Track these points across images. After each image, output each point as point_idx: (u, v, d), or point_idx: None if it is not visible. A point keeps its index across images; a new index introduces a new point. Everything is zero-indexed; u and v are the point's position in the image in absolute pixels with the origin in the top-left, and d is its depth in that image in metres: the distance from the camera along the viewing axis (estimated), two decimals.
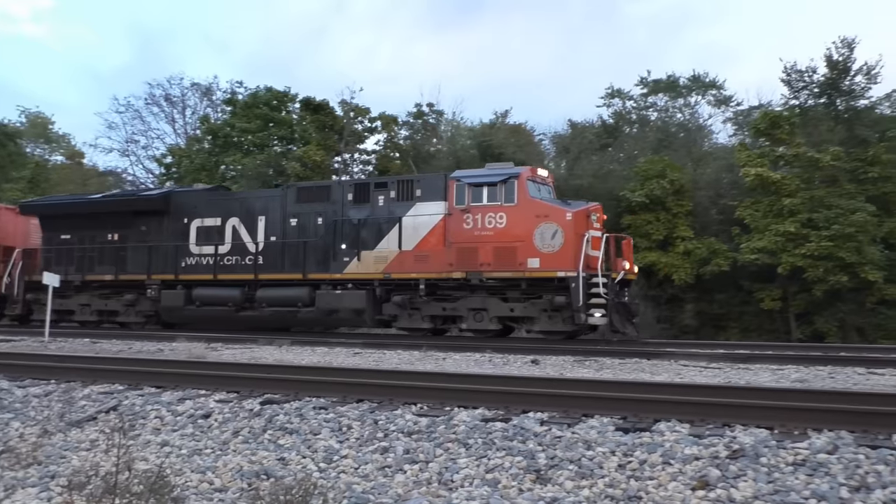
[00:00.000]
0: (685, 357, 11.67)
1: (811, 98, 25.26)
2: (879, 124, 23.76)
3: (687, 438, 4.80)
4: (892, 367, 10.22)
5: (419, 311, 16.23)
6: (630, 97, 32.37)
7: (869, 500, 3.88)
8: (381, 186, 17.05)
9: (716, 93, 31.41)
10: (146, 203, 19.71)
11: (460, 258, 15.52)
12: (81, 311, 19.83)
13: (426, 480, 4.61)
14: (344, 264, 16.72)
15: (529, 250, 15.01)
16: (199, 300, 17.93)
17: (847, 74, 24.16)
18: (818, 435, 4.74)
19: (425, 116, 32.52)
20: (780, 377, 9.16)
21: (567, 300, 14.56)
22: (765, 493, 4.02)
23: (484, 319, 15.68)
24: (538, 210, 15.23)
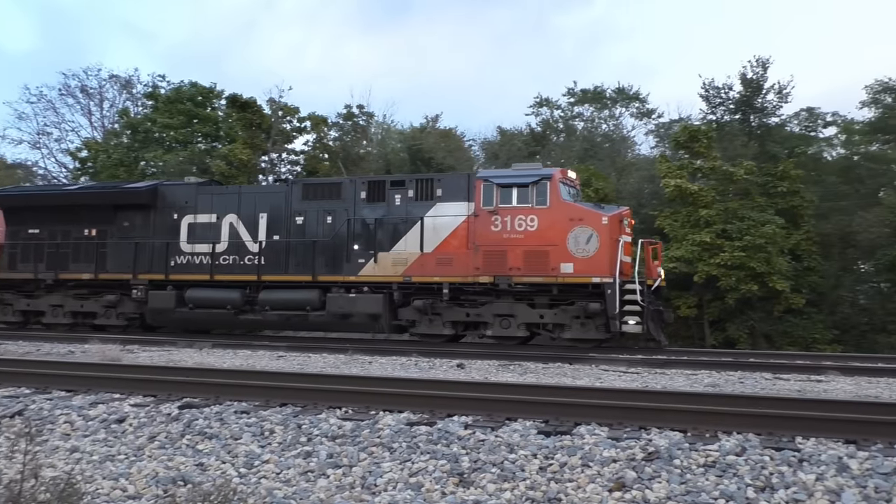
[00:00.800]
0: (606, 362, 11.99)
1: (727, 114, 26.47)
2: (789, 141, 25.13)
3: (606, 441, 4.94)
4: (797, 373, 10.83)
5: (440, 317, 15.42)
6: (558, 106, 33.11)
7: (773, 499, 4.09)
8: (397, 185, 16.18)
9: (639, 105, 32.50)
10: (130, 196, 18.16)
11: (488, 262, 14.84)
12: (53, 312, 18.27)
13: (349, 485, 4.58)
14: (359, 266, 15.83)
15: (563, 255, 14.44)
16: (193, 302, 16.58)
17: (760, 92, 25.46)
18: (728, 437, 4.97)
19: (355, 118, 32.33)
20: (694, 382, 9.54)
21: (602, 307, 14.05)
22: (677, 494, 4.17)
23: (511, 326, 15.04)
24: (572, 213, 14.67)
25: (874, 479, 4.20)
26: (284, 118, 30.74)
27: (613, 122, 33.02)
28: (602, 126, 32.87)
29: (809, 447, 4.74)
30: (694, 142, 22.80)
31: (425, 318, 15.43)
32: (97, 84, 36.68)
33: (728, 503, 4.06)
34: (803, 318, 21.19)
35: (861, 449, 4.69)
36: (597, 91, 32.52)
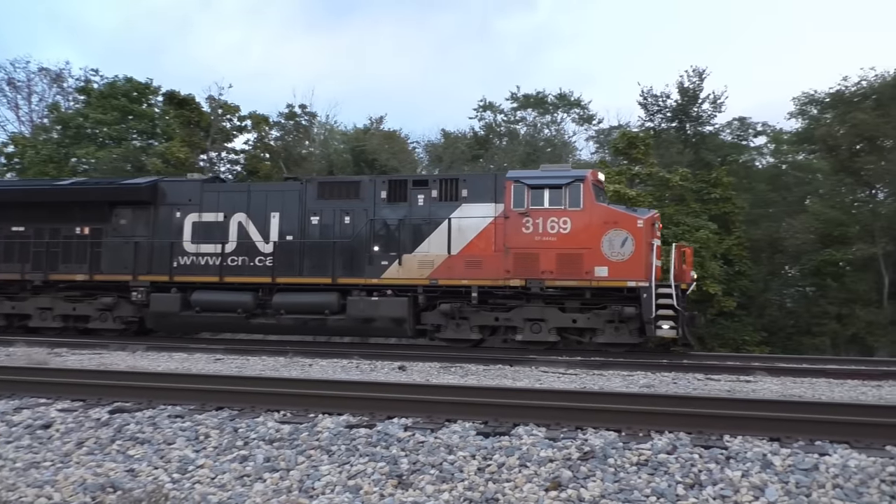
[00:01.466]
0: (545, 364, 12.17)
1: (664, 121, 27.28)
2: (722, 149, 26.06)
3: (543, 441, 5.02)
4: (727, 374, 11.20)
5: (467, 321, 15.01)
6: (501, 111, 33.44)
7: (701, 496, 4.22)
8: (420, 185, 15.70)
9: (580, 111, 33.10)
10: (128, 193, 17.01)
11: (519, 265, 14.44)
12: (41, 315, 17.11)
13: (286, 488, 4.52)
14: (382, 268, 15.24)
15: (597, 258, 14.17)
16: (200, 305, 15.68)
17: (696, 102, 26.31)
18: (660, 436, 5.11)
19: (298, 118, 31.96)
20: (630, 383, 9.76)
21: (637, 311, 13.93)
22: (611, 493, 4.27)
23: (542, 331, 14.70)
24: (607, 216, 14.43)
25: (795, 474, 4.38)
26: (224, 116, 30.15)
27: (555, 127, 33.56)
28: (544, 131, 33.36)
29: (736, 445, 4.92)
30: (632, 148, 23.38)
31: (452, 322, 15.06)
32: (25, 77, 35.18)
33: (659, 500, 4.18)
34: (734, 321, 21.97)
35: (784, 446, 4.88)
36: (539, 96, 32.99)
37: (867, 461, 4.51)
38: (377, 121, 32.56)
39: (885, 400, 8.29)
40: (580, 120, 33.40)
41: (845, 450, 4.79)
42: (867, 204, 24.36)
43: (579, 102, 33.10)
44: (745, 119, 28.16)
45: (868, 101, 24.65)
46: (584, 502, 4.20)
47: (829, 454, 4.68)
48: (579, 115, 33.24)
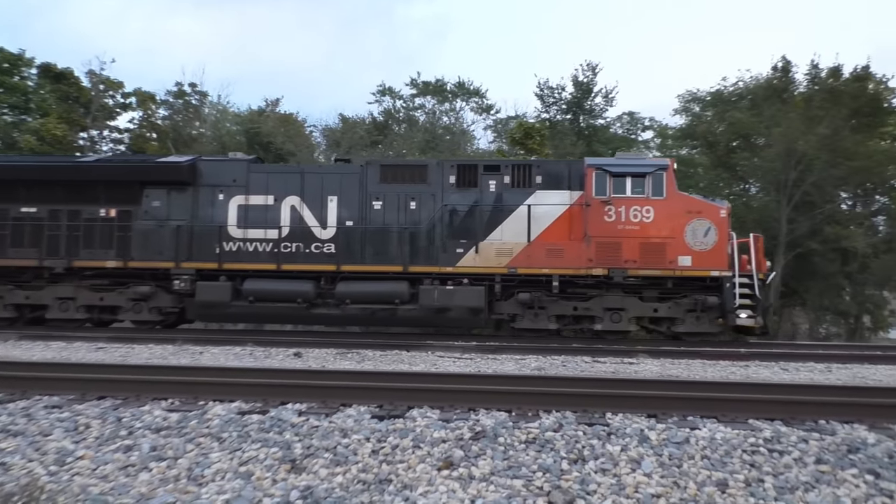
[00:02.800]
0: (442, 349, 12.36)
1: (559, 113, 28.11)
2: (612, 142, 27.17)
3: (437, 423, 5.13)
4: (613, 356, 11.77)
5: (545, 311, 14.75)
6: (400, 96, 33.38)
7: (584, 470, 4.45)
8: (492, 170, 15.25)
9: (478, 100, 33.53)
10: (165, 172, 15.62)
11: (601, 253, 14.31)
12: (61, 306, 15.53)
13: (174, 477, 4.40)
14: (457, 256, 14.78)
15: (680, 248, 14.20)
16: (254, 295, 14.67)
17: (590, 95, 27.27)
18: (548, 416, 5.34)
19: (187, 97, 30.65)
20: (522, 366, 10.08)
21: (719, 300, 14.08)
22: (500, 470, 4.43)
23: (622, 320, 14.69)
24: (689, 206, 14.49)
25: (669, 447, 4.70)
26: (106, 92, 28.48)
27: (454, 115, 33.85)
28: (443, 119, 33.58)
29: (617, 422, 5.22)
30: (528, 138, 23.95)
31: (530, 312, 14.80)
32: None
33: (545, 475, 4.37)
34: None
35: (660, 422, 5.22)
36: (438, 84, 33.15)
37: (732, 433, 4.90)
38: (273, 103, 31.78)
39: (751, 378, 8.97)
40: (479, 109, 33.85)
41: (713, 424, 5.19)
42: (741, 197, 26.09)
43: (478, 91, 33.53)
44: (634, 114, 29.51)
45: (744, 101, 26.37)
46: (475, 480, 4.33)
47: (699, 428, 5.04)
48: (478, 105, 33.67)
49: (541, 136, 23.91)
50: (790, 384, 6.60)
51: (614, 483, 4.24)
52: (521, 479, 4.30)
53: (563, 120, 27.96)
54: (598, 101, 27.29)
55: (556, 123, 27.69)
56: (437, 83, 33.17)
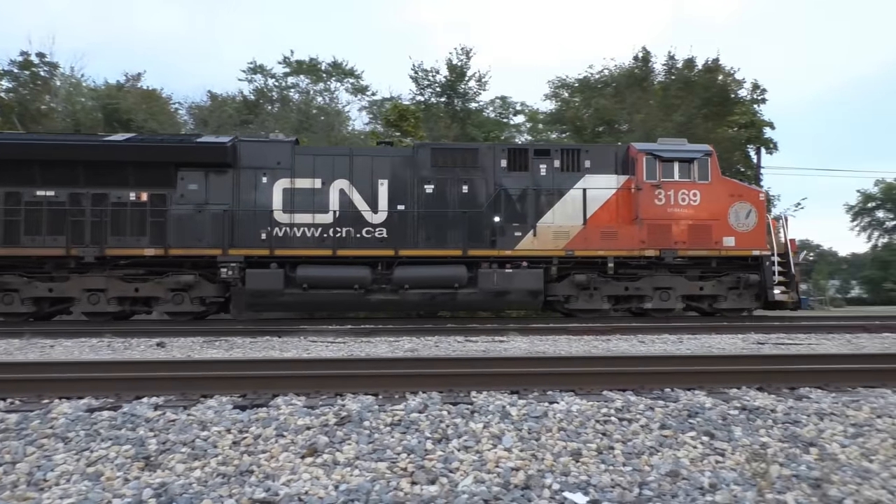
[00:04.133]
0: (315, 333, 12.20)
1: (434, 96, 28.30)
2: (485, 125, 27.70)
3: (301, 410, 5.05)
4: (486, 336, 12.08)
5: (598, 291, 15.26)
6: (272, 75, 32.38)
7: (447, 448, 4.54)
8: (542, 154, 15.46)
9: (353, 81, 33.15)
10: (203, 153, 14.72)
11: (653, 235, 14.97)
12: (90, 298, 14.43)
13: (11, 483, 4.08)
14: (515, 240, 15.05)
15: (724, 229, 15.09)
16: (309, 282, 14.21)
17: (463, 79, 27.61)
18: (414, 397, 5.40)
19: (34, 68, 28.22)
20: (395, 348, 10.13)
21: (760, 278, 15.01)
22: (365, 453, 4.43)
23: (670, 298, 15.34)
24: (732, 189, 15.42)
25: (528, 422, 4.88)
26: None
27: (329, 95, 33.29)
28: (317, 99, 32.95)
29: (481, 400, 5.35)
30: (403, 120, 23.98)
31: (584, 293, 15.21)
32: None
33: (409, 456, 4.41)
34: None
35: (522, 398, 5.41)
36: (312, 63, 32.44)
37: (587, 405, 5.16)
38: (134, 77, 29.94)
39: (611, 351, 9.49)
40: (354, 90, 33.47)
41: (571, 397, 5.44)
42: None
43: (353, 72, 33.12)
44: (506, 98, 30.22)
45: (608, 89, 27.67)
46: (340, 465, 4.31)
47: (557, 402, 5.27)
48: (353, 86, 33.28)
49: (415, 118, 23.99)
50: (641, 356, 7.04)
51: (476, 459, 4.35)
52: (385, 462, 4.32)
53: (438, 103, 28.16)
54: (471, 85, 27.72)
55: (430, 106, 27.85)
56: (310, 62, 32.46)
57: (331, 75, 32.85)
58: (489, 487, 4.00)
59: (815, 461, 4.35)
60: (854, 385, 5.78)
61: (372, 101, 32.66)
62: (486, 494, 3.90)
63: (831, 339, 11.70)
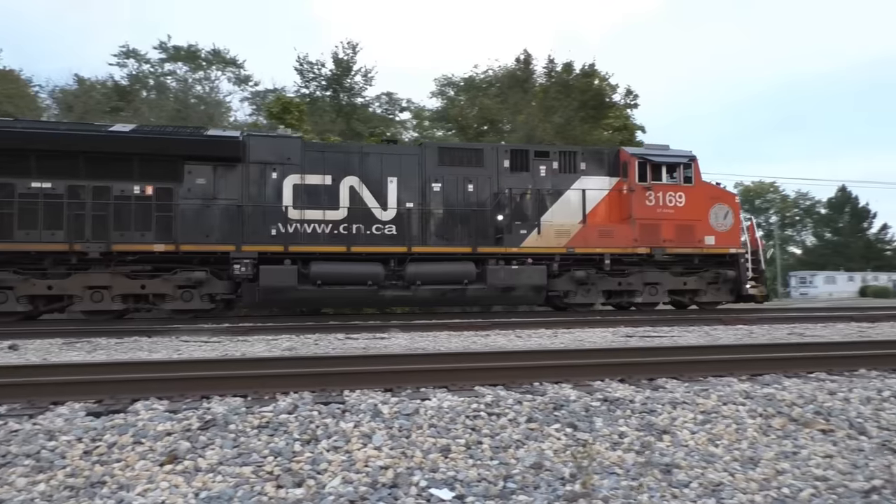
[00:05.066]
0: (189, 333, 11.69)
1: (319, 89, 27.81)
2: (371, 121, 27.53)
3: (162, 415, 4.82)
4: (367, 332, 12.01)
5: (595, 286, 16.10)
6: (147, 60, 30.72)
7: (317, 449, 4.47)
8: (542, 155, 16.27)
9: (235, 71, 32.01)
10: (213, 147, 14.43)
11: (644, 234, 15.98)
12: (93, 296, 13.82)
13: None
14: (521, 237, 15.64)
15: (706, 229, 16.34)
16: (323, 279, 14.28)
17: (349, 73, 27.30)
18: (285, 398, 5.28)
19: None
20: (273, 346, 9.88)
21: (736, 274, 16.39)
22: (229, 458, 4.28)
23: (658, 293, 16.40)
24: (712, 192, 16.69)
25: (400, 420, 4.89)
26: None
27: (209, 84, 31.97)
28: (196, 87, 31.56)
29: (354, 399, 5.31)
30: (287, 113, 23.43)
31: (582, 288, 16.05)
32: None
33: (276, 459, 4.31)
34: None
35: (395, 395, 5.42)
36: (191, 50, 31.03)
37: (458, 401, 5.23)
38: None
39: (488, 346, 9.69)
40: (236, 80, 32.32)
41: (443, 393, 5.50)
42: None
43: (235, 61, 31.97)
44: (392, 94, 30.15)
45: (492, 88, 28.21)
46: (202, 471, 4.15)
47: (429, 399, 5.31)
48: (235, 76, 32.14)
49: (300, 111, 23.50)
50: (513, 351, 7.23)
51: (345, 459, 4.31)
52: (250, 466, 4.20)
53: (324, 96, 27.72)
54: (357, 80, 27.46)
55: (316, 100, 27.37)
56: (189, 49, 31.02)
57: (211, 64, 31.55)
58: (356, 488, 3.97)
59: (668, 447, 4.63)
60: (705, 375, 6.19)
61: (255, 93, 31.66)
62: (353, 495, 3.87)
63: (692, 331, 12.50)
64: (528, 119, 23.99)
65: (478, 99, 27.02)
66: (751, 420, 5.10)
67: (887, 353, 7.02)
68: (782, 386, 5.88)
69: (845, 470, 4.37)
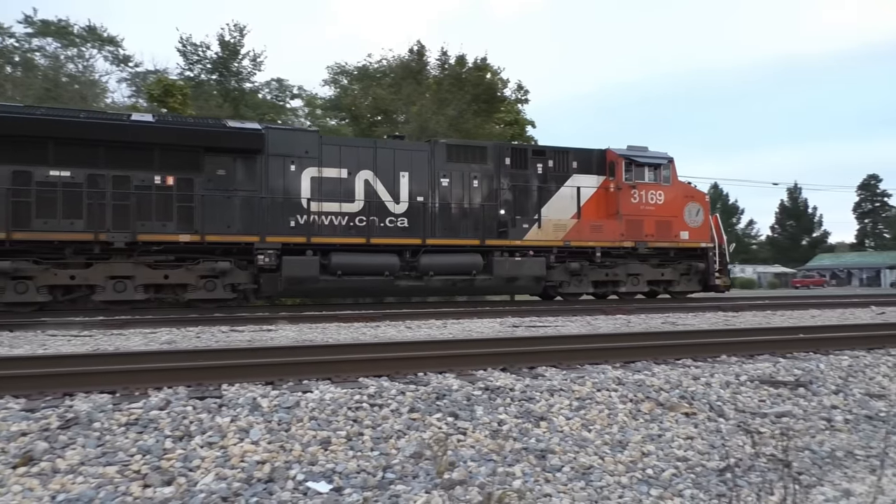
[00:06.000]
0: (56, 326, 10.98)
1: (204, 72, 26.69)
2: (260, 107, 26.74)
3: (18, 414, 4.48)
4: (253, 325, 11.69)
5: (586, 277, 17.21)
6: (11, 34, 28.43)
7: (189, 446, 4.30)
8: (538, 154, 17.20)
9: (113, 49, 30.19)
10: (235, 138, 14.59)
11: (629, 229, 17.27)
12: (115, 286, 13.70)
13: None
14: (523, 231, 16.51)
15: (681, 225, 17.83)
16: (344, 269, 14.82)
17: (237, 57, 26.35)
18: (158, 393, 5.04)
19: None
20: (151, 340, 9.44)
21: (705, 266, 17.99)
22: (92, 458, 4.04)
23: (639, 283, 17.73)
24: (686, 191, 18.24)
25: (279, 413, 4.78)
26: None
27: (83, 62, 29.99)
28: (69, 66, 29.52)
29: (232, 393, 5.14)
30: (169, 96, 22.37)
31: (575, 278, 17.12)
32: None
33: (145, 457, 4.11)
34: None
35: (276, 388, 5.29)
36: (62, 25, 28.98)
37: (341, 393, 5.17)
38: None
39: (378, 338, 9.67)
40: (114, 59, 30.47)
41: (326, 385, 5.43)
42: None
43: (113, 39, 30.13)
44: (283, 81, 29.38)
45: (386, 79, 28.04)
46: (60, 473, 3.89)
47: (311, 391, 5.22)
48: (112, 54, 30.29)
49: (183, 94, 22.47)
50: (400, 342, 7.24)
51: (220, 455, 4.17)
52: (115, 465, 3.98)
53: (209, 80, 26.63)
54: (245, 64, 26.54)
55: (201, 83, 26.25)
56: (59, 24, 28.94)
57: (85, 41, 29.55)
58: (230, 484, 3.85)
59: (544, 433, 4.77)
60: (583, 363, 6.44)
61: (135, 73, 29.94)
62: (226, 491, 3.76)
63: (575, 321, 12.98)
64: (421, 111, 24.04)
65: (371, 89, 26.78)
66: (622, 405, 5.35)
67: (746, 340, 7.56)
68: (652, 372, 6.20)
69: (704, 450, 4.68)
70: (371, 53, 27.43)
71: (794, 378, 6.34)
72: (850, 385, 6.36)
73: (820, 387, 6.20)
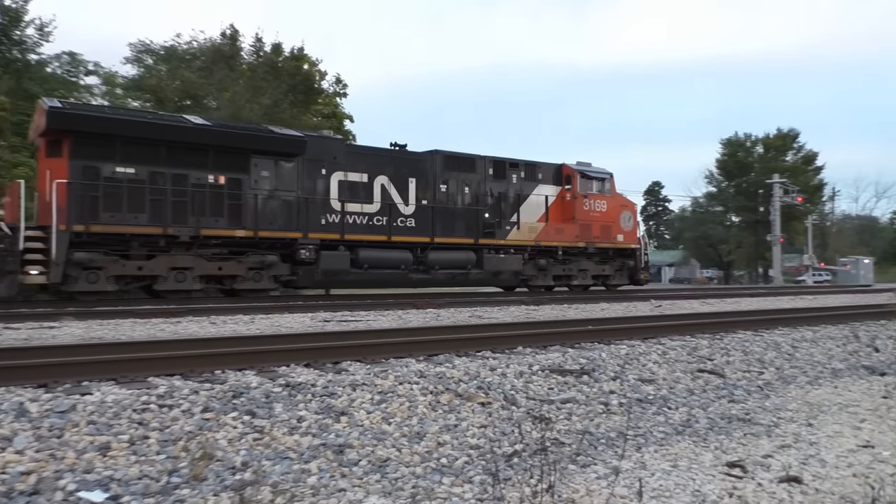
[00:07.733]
0: None
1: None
2: (49, 82, 24.14)
3: None
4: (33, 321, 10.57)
5: (549, 272, 20.23)
6: None
7: None
8: (514, 166, 20.11)
9: None
10: (280, 143, 16.07)
11: (582, 232, 20.61)
12: (177, 277, 14.76)
13: None
14: (506, 232, 19.50)
15: (618, 229, 21.53)
16: (370, 263, 16.76)
17: (19, 24, 23.58)
18: None
19: None
20: None
21: (634, 263, 21.90)
22: None
23: (587, 277, 21.07)
24: (621, 201, 22.11)
25: (51, 418, 4.34)
26: None
27: None
28: None
29: None
30: None
31: (542, 273, 20.03)
32: None
33: None
34: None
35: (50, 391, 4.80)
36: None
37: (126, 394, 4.80)
38: None
39: (178, 335, 9.08)
40: None
41: (109, 386, 5.01)
42: None
43: None
44: (76, 55, 26.72)
45: (196, 62, 26.51)
46: None
47: (91, 393, 4.80)
48: None
49: None
50: (192, 339, 6.88)
51: None
52: None
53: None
54: (30, 33, 23.76)
55: None
56: None
57: None
58: None
59: (343, 428, 4.77)
60: (388, 357, 6.52)
61: None
62: None
63: (387, 315, 13.12)
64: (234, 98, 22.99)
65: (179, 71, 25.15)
66: (422, 397, 5.48)
67: (540, 332, 8.08)
68: (453, 364, 6.42)
69: (495, 437, 4.93)
70: (180, 33, 25.73)
71: (579, 367, 6.87)
72: (626, 372, 7.02)
73: (601, 374, 6.78)
